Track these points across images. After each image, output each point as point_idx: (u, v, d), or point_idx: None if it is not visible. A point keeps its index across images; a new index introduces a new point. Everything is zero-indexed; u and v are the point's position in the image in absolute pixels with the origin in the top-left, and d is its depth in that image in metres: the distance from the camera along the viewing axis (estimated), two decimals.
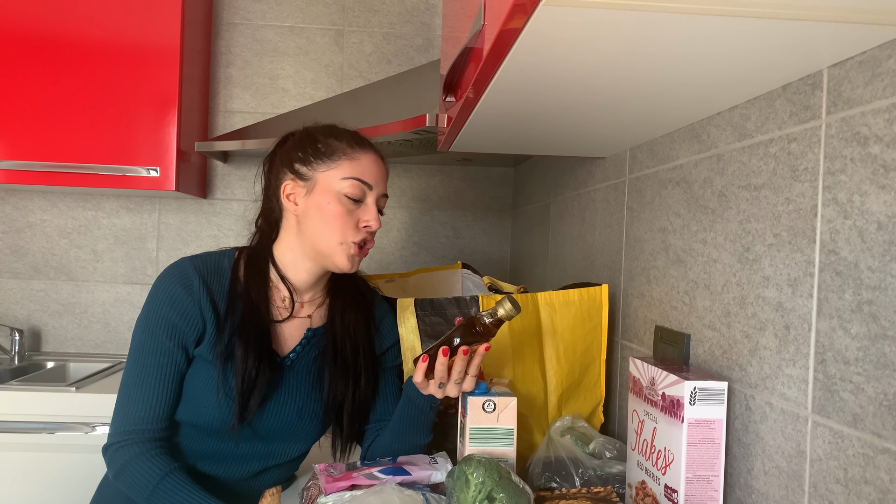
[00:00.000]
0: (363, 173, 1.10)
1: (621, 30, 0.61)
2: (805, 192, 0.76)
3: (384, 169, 1.14)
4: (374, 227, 1.10)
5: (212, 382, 1.06)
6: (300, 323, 1.16)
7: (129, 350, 1.09)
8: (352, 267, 1.11)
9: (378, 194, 1.12)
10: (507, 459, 1.02)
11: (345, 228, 1.08)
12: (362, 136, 1.15)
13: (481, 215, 2.37)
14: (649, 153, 1.19)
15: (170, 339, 1.06)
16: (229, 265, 1.12)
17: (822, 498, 0.72)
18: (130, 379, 1.07)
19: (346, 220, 1.08)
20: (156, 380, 1.06)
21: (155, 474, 1.02)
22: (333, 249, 1.09)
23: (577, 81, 0.80)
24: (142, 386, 1.06)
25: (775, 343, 0.81)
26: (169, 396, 1.07)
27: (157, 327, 1.07)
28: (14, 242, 2.21)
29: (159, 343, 1.06)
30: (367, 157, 1.11)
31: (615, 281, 1.33)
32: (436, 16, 2.30)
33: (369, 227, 1.10)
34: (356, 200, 1.09)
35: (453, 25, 1.04)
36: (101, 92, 1.92)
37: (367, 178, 1.10)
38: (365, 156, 1.11)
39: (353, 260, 1.10)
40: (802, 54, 0.69)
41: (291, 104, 2.26)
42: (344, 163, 1.09)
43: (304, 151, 1.11)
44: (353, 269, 1.11)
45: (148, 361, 1.06)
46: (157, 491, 1.01)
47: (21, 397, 1.68)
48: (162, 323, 1.06)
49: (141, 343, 1.08)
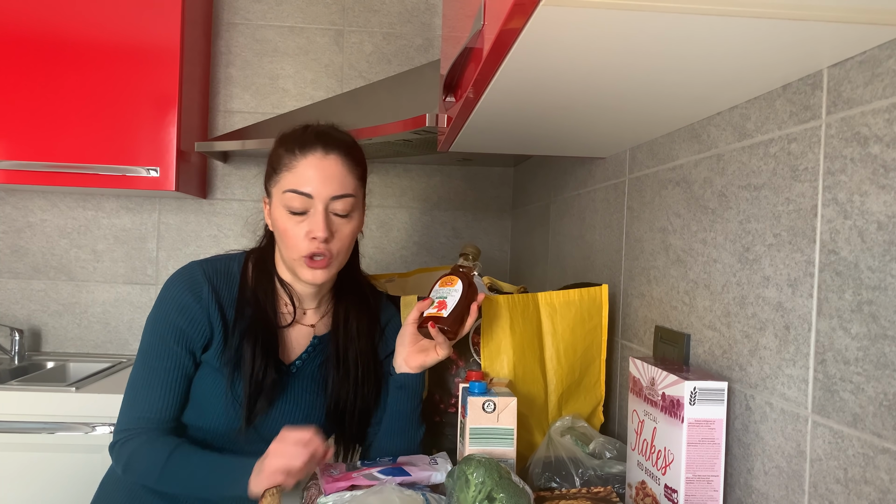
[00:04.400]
0: (299, 183, 1.03)
1: (621, 30, 0.61)
2: (805, 192, 0.76)
3: (335, 166, 1.05)
4: (320, 236, 1.03)
5: (219, 388, 1.07)
6: (306, 331, 1.16)
7: (138, 351, 1.10)
8: (315, 279, 1.06)
9: (325, 200, 1.04)
10: (507, 459, 1.02)
11: (294, 243, 1.05)
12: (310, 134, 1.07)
13: (481, 215, 2.37)
14: (649, 153, 1.19)
15: (177, 344, 1.07)
16: (238, 269, 1.12)
17: (822, 498, 0.72)
18: (137, 380, 1.07)
19: (292, 233, 1.04)
20: (162, 382, 1.06)
21: (163, 452, 1.02)
22: (292, 264, 1.07)
23: (577, 81, 0.80)
24: (148, 388, 1.06)
25: (775, 343, 0.81)
26: (175, 399, 1.07)
27: (165, 331, 1.07)
28: (14, 242, 2.21)
29: (167, 347, 1.07)
30: (305, 162, 1.04)
31: (615, 281, 1.33)
32: (436, 16, 2.30)
33: (316, 238, 1.03)
34: (300, 213, 1.04)
35: (453, 25, 1.03)
36: (101, 92, 1.92)
37: (305, 188, 1.03)
38: (304, 161, 1.04)
39: (315, 272, 1.06)
40: (802, 54, 0.69)
41: (291, 104, 2.26)
42: (284, 175, 1.05)
43: (268, 166, 1.10)
44: (318, 280, 1.06)
45: (155, 364, 1.07)
46: (168, 466, 1.01)
47: (21, 397, 1.68)
48: (170, 328, 1.07)
49: (149, 345, 1.08)
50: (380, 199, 2.32)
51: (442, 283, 1.11)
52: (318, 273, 1.06)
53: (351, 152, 1.08)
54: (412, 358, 1.11)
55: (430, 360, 1.10)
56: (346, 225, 1.08)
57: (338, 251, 1.07)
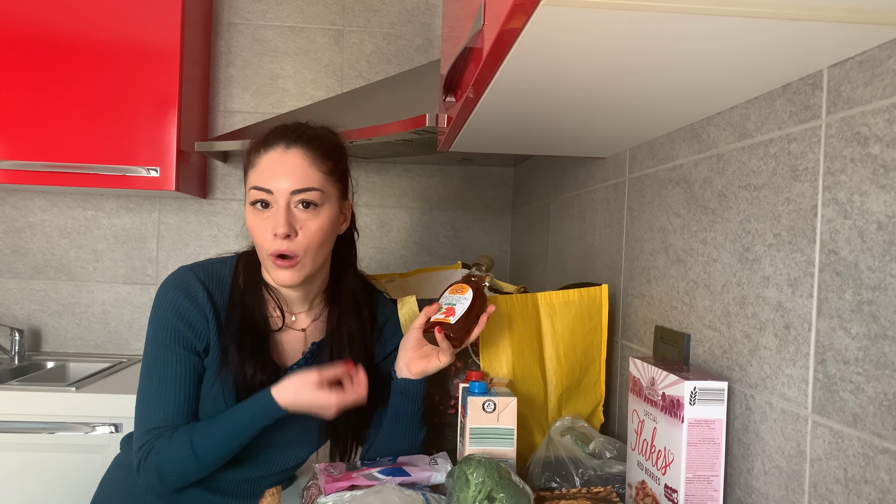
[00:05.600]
0: (260, 179, 1.02)
1: (621, 30, 0.61)
2: (805, 192, 0.76)
3: (296, 160, 1.02)
4: (280, 231, 1.00)
5: (216, 393, 1.06)
6: (298, 335, 1.15)
7: (142, 366, 1.08)
8: (284, 280, 1.03)
9: (285, 194, 1.01)
10: (507, 459, 1.02)
11: (260, 241, 1.03)
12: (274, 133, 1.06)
13: (481, 215, 2.37)
14: (649, 153, 1.19)
15: (181, 346, 1.05)
16: (229, 274, 1.11)
17: (822, 498, 0.72)
18: (147, 393, 1.05)
19: (258, 231, 1.03)
20: (173, 388, 1.05)
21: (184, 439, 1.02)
22: (265, 264, 1.06)
23: (577, 81, 0.80)
24: (158, 398, 1.04)
25: (775, 343, 0.81)
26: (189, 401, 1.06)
27: (166, 338, 1.05)
28: (14, 242, 2.21)
29: (171, 352, 1.05)
30: (266, 158, 1.03)
31: (615, 281, 1.33)
32: (436, 16, 2.30)
33: (277, 234, 1.01)
34: (264, 209, 1.03)
35: (453, 25, 1.03)
36: (101, 92, 1.92)
37: (265, 183, 1.02)
38: (265, 158, 1.03)
39: (283, 272, 1.03)
40: (802, 54, 0.69)
41: (291, 104, 2.26)
42: (250, 173, 1.05)
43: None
44: (288, 282, 1.04)
45: (163, 373, 1.05)
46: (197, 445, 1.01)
47: (21, 397, 1.68)
48: (170, 332, 1.05)
49: (153, 356, 1.06)
50: (380, 199, 2.32)
51: (452, 290, 1.10)
52: (286, 273, 1.03)
53: (315, 144, 1.05)
54: (414, 363, 1.10)
55: (431, 366, 1.09)
56: (311, 220, 1.03)
57: (305, 249, 1.03)
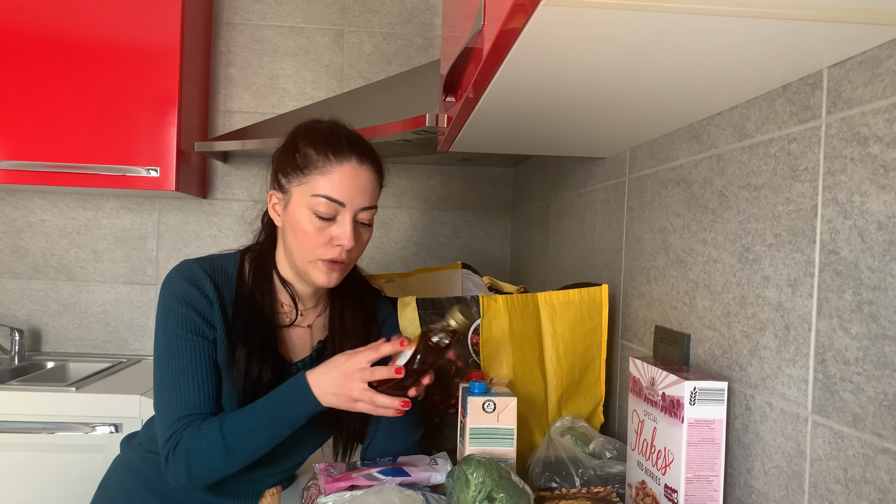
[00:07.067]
0: (333, 190, 1.03)
1: (621, 29, 0.61)
2: (805, 192, 0.76)
3: (367, 178, 1.06)
4: (346, 245, 1.03)
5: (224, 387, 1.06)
6: (303, 331, 1.16)
7: (155, 360, 1.06)
8: (328, 282, 1.06)
9: (355, 209, 1.05)
10: (507, 459, 1.02)
11: (314, 246, 1.04)
12: (343, 140, 1.06)
13: (481, 215, 2.37)
14: (649, 153, 1.19)
15: (194, 333, 1.04)
16: (234, 270, 1.11)
17: (822, 498, 0.72)
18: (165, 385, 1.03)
19: (315, 238, 1.04)
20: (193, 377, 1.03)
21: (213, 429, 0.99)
22: (306, 266, 1.06)
23: (577, 81, 0.80)
24: (177, 390, 1.02)
25: (775, 343, 0.81)
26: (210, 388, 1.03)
27: (177, 326, 1.04)
28: (14, 242, 2.21)
29: (183, 340, 1.03)
30: (340, 170, 1.03)
31: (615, 281, 1.33)
32: (436, 16, 2.30)
33: (341, 246, 1.04)
34: (327, 218, 1.03)
35: (453, 25, 1.03)
36: (101, 92, 1.92)
37: (339, 196, 1.03)
38: (339, 169, 1.03)
39: (330, 276, 1.06)
40: (802, 54, 0.69)
41: (291, 104, 2.26)
42: (315, 178, 1.03)
43: (285, 160, 1.07)
44: (331, 284, 1.07)
45: (178, 363, 1.03)
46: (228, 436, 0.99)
47: (21, 397, 1.68)
48: (181, 321, 1.04)
49: (166, 348, 1.04)
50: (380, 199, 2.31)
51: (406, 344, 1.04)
52: (334, 276, 1.06)
53: (377, 164, 1.10)
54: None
55: None
56: (366, 233, 1.10)
57: (355, 257, 1.10)
